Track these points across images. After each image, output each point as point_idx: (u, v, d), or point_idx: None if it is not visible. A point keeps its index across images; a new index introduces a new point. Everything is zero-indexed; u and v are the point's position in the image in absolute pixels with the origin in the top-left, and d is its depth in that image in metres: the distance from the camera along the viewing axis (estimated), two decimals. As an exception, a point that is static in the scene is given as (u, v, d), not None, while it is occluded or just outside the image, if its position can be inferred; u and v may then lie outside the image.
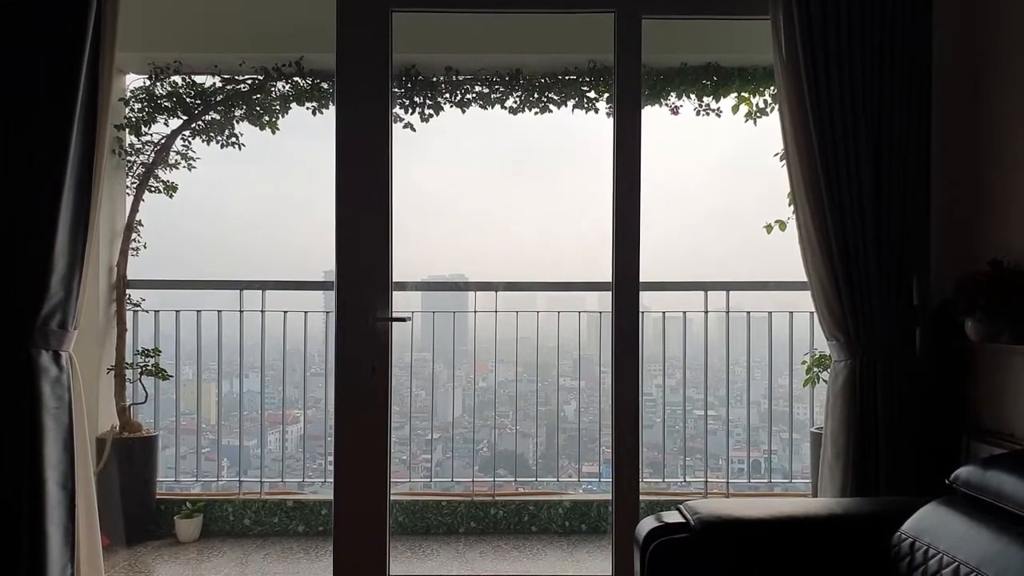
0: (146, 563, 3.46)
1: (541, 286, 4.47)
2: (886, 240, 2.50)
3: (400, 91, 3.90)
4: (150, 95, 3.89)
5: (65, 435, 2.45)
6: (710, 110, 3.99)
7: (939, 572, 1.55)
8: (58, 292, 2.41)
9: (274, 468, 4.37)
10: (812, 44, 2.49)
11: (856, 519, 1.84)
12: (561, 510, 3.92)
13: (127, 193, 3.96)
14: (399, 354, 4.06)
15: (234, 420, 4.47)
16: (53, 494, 2.40)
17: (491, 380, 4.49)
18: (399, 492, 4.07)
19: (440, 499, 3.97)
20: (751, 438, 4.44)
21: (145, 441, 3.79)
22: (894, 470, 2.49)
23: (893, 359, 2.51)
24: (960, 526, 1.59)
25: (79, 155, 2.43)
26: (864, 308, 2.51)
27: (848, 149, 2.50)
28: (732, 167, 4.68)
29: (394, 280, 2.77)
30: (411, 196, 3.27)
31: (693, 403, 4.45)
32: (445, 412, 4.70)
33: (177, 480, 4.17)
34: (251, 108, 3.95)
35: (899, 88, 2.51)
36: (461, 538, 3.86)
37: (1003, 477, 1.59)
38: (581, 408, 4.55)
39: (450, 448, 4.47)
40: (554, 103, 3.97)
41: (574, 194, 4.65)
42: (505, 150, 4.83)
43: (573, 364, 4.62)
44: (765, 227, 3.83)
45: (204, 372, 4.31)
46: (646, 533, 1.82)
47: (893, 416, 2.50)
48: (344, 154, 2.73)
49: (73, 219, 2.43)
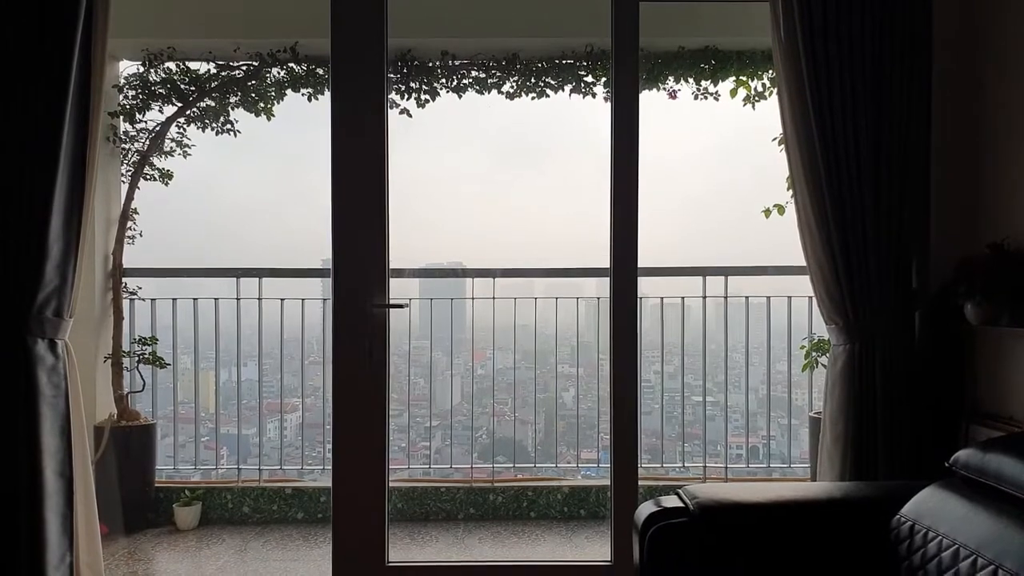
0: (145, 551, 3.47)
1: (539, 272, 4.44)
2: (885, 224, 2.49)
3: (396, 76, 3.87)
4: (144, 82, 3.86)
5: (62, 423, 2.44)
6: (708, 94, 3.96)
7: (939, 555, 1.55)
8: (53, 280, 2.40)
9: (273, 456, 4.37)
10: (811, 26, 2.47)
11: (855, 503, 1.84)
12: (560, 496, 3.93)
13: (122, 181, 3.94)
14: (397, 342, 4.05)
15: (232, 409, 4.46)
16: (51, 482, 2.40)
17: (489, 367, 4.48)
18: (398, 479, 4.07)
19: (439, 485, 3.97)
20: (749, 424, 4.45)
21: (143, 429, 3.79)
22: (893, 454, 2.48)
23: (892, 343, 2.51)
24: (959, 509, 1.59)
25: (72, 142, 2.41)
26: (863, 292, 2.50)
27: (847, 133, 2.48)
28: (730, 151, 4.66)
29: (391, 267, 2.75)
30: (408, 182, 3.25)
31: (691, 389, 4.45)
32: (444, 399, 4.70)
33: (176, 468, 4.17)
34: (246, 95, 3.93)
35: (899, 70, 2.49)
36: (460, 524, 3.86)
37: (1002, 459, 1.59)
38: (580, 395, 4.55)
39: (449, 435, 4.47)
40: (551, 88, 3.95)
41: (571, 179, 4.63)
42: (502, 136, 4.81)
43: (571, 351, 4.61)
44: (764, 211, 3.82)
45: (202, 360, 4.30)
46: (645, 518, 1.82)
47: (892, 400, 2.49)
48: (340, 140, 2.71)
49: (67, 206, 2.42)
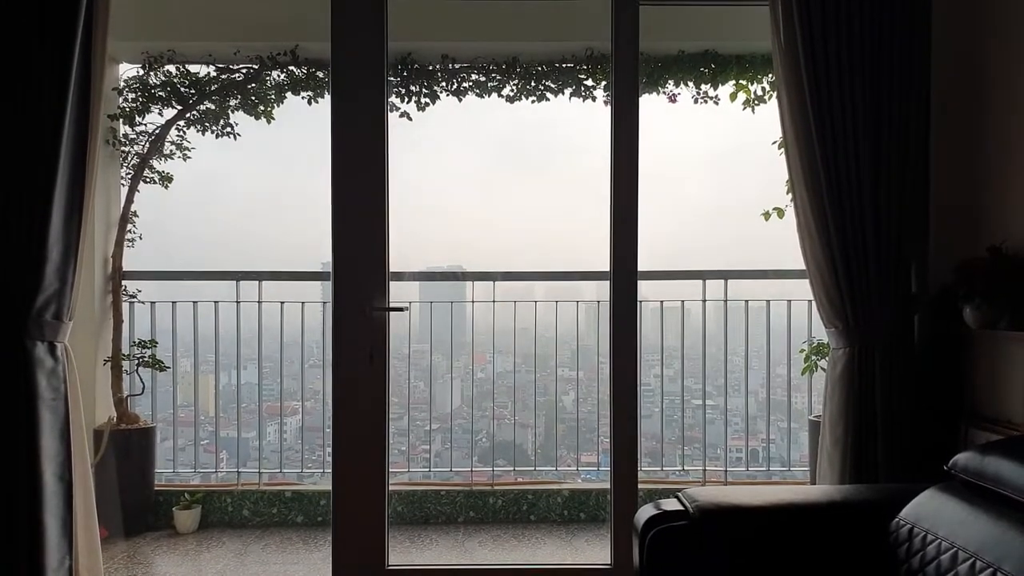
0: (145, 554, 3.46)
1: (539, 276, 4.44)
2: (885, 227, 2.49)
3: (396, 80, 3.87)
4: (144, 84, 3.87)
5: (62, 426, 2.44)
6: (708, 98, 3.98)
7: (938, 557, 1.55)
8: (53, 283, 2.40)
9: (273, 459, 4.36)
10: (811, 30, 2.47)
11: (855, 506, 1.84)
12: (560, 499, 3.93)
13: (122, 184, 3.95)
14: (397, 345, 4.05)
15: (232, 412, 4.46)
16: (50, 485, 2.40)
17: (489, 371, 4.48)
18: (398, 483, 4.07)
19: (439, 489, 3.97)
20: (749, 427, 4.44)
21: (143, 432, 3.78)
22: (892, 457, 2.48)
23: (892, 346, 2.51)
24: (959, 512, 1.59)
25: (72, 144, 2.41)
26: (862, 295, 2.51)
27: (847, 136, 2.48)
28: (730, 155, 4.66)
29: (391, 270, 2.76)
30: (408, 185, 3.26)
31: (691, 392, 4.45)
32: (444, 403, 4.70)
33: (176, 472, 4.17)
34: (246, 97, 3.93)
35: (898, 74, 2.49)
36: (460, 527, 3.86)
37: (1001, 463, 1.58)
38: (580, 398, 4.54)
39: (449, 439, 4.47)
40: (551, 91, 3.96)
41: (571, 182, 4.63)
42: (502, 139, 4.81)
43: (571, 354, 4.61)
44: (763, 215, 3.83)
45: (202, 364, 4.30)
46: (645, 521, 1.81)
47: (891, 403, 2.49)
48: (340, 143, 2.72)
49: (67, 209, 2.42)
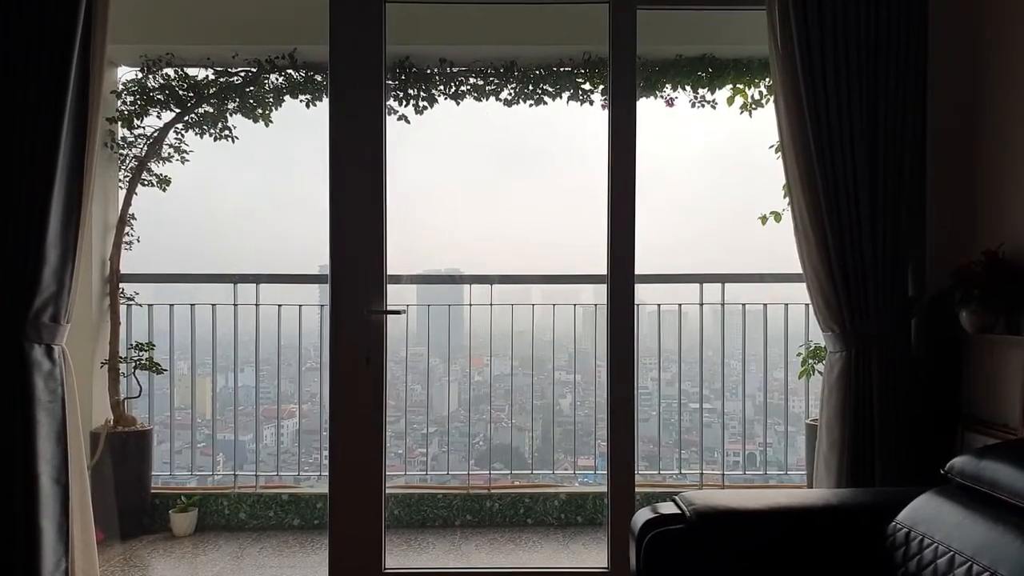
0: (141, 557, 3.46)
1: (536, 279, 4.44)
2: (881, 231, 2.50)
3: (394, 83, 3.88)
4: (142, 88, 3.87)
5: (58, 429, 2.44)
6: (705, 102, 3.98)
7: (934, 561, 1.55)
8: (50, 285, 2.40)
9: (269, 462, 4.35)
10: (808, 34, 2.48)
11: (851, 509, 1.84)
12: (557, 503, 3.92)
13: (120, 186, 3.94)
14: (394, 348, 4.04)
15: (229, 414, 4.46)
16: (46, 488, 2.39)
17: (487, 374, 4.47)
18: (395, 485, 4.06)
19: (436, 492, 3.96)
20: (746, 431, 4.44)
21: (140, 435, 3.77)
22: (889, 460, 2.49)
23: (888, 350, 2.51)
24: (955, 516, 1.59)
25: (70, 147, 2.41)
26: (859, 299, 2.51)
27: (844, 140, 2.49)
28: (727, 159, 4.67)
29: (389, 273, 2.76)
30: (406, 188, 3.26)
31: (688, 396, 4.45)
32: (441, 406, 4.69)
33: (172, 474, 4.16)
34: (244, 101, 3.93)
35: (895, 78, 2.50)
36: (457, 531, 3.85)
37: (997, 467, 1.59)
38: (577, 401, 4.54)
39: (446, 442, 4.46)
40: (549, 95, 3.96)
41: (569, 186, 4.63)
42: (500, 142, 4.82)
43: (569, 358, 4.60)
44: (760, 218, 3.84)
45: (199, 367, 4.29)
46: (642, 524, 1.82)
47: (888, 407, 2.50)
48: (338, 146, 2.72)
49: (65, 212, 2.42)
